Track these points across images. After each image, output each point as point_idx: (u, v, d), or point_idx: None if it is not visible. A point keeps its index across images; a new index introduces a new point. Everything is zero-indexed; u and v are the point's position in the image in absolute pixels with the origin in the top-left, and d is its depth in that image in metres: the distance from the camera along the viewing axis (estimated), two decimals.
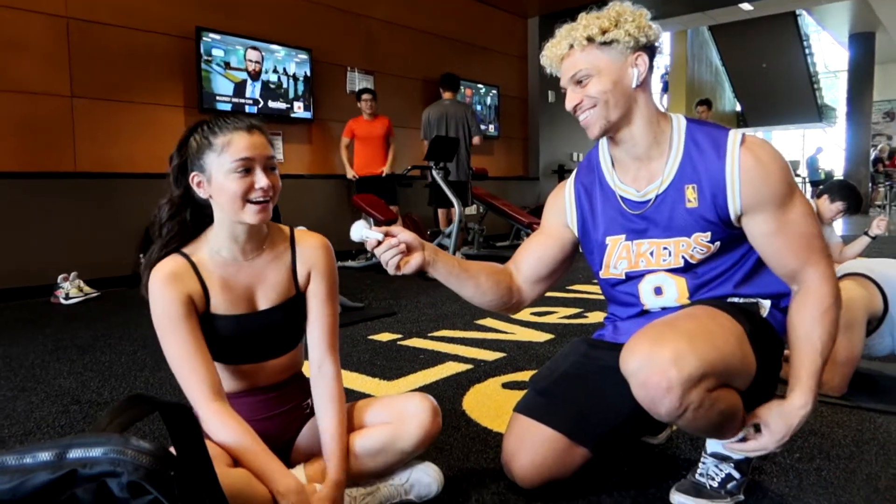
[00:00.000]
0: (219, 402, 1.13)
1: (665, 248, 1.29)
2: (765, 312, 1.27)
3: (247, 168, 1.13)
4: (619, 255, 1.34)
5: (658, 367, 1.06)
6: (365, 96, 5.77)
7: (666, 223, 1.28)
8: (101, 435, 0.66)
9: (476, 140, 5.80)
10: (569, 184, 1.45)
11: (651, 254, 1.30)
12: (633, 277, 1.33)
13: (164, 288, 1.14)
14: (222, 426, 1.11)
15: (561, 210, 1.45)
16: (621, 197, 1.34)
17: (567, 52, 1.26)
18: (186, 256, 1.19)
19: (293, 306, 1.26)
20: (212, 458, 0.81)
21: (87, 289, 4.16)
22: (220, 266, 1.20)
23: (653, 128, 1.28)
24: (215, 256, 1.20)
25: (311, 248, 1.28)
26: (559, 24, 1.27)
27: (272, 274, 1.24)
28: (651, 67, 1.27)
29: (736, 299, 1.27)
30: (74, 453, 0.63)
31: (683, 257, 1.27)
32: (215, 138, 1.14)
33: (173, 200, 1.22)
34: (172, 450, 0.76)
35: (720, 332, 1.15)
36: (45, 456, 0.63)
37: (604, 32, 1.22)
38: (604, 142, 1.38)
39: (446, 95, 5.74)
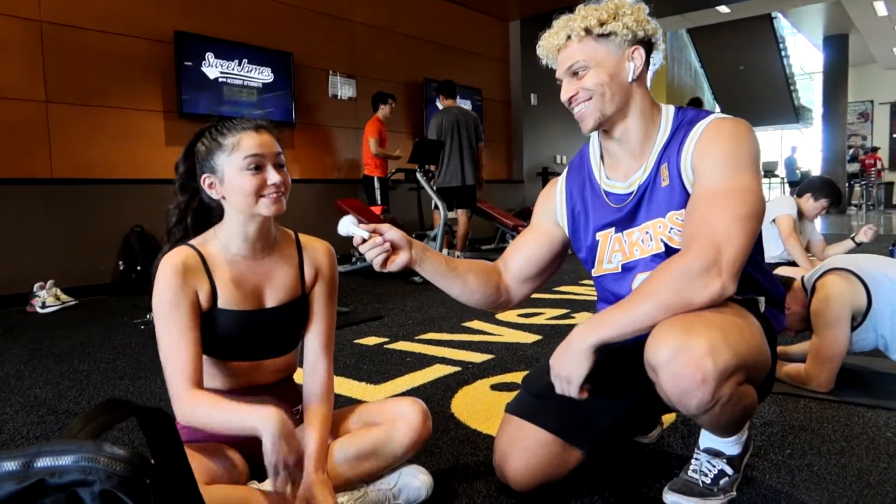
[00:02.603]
0: (195, 389, 1.13)
1: (647, 233, 1.27)
2: (762, 308, 1.25)
3: (258, 165, 1.16)
4: (612, 249, 1.32)
5: (693, 358, 1.03)
6: (390, 101, 5.82)
7: (646, 207, 1.27)
8: (71, 442, 0.62)
9: (481, 146, 5.84)
10: (560, 181, 1.44)
11: (642, 241, 1.28)
12: (630, 269, 1.31)
13: (172, 276, 1.15)
14: (196, 405, 1.11)
15: (551, 208, 1.43)
16: (605, 192, 1.32)
17: (564, 43, 1.24)
18: (196, 249, 1.20)
19: (298, 307, 1.28)
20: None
21: (64, 297, 4.07)
22: (230, 263, 1.22)
23: (646, 122, 1.27)
24: (225, 253, 1.22)
25: (317, 252, 1.31)
26: (556, 15, 1.26)
27: (281, 274, 1.26)
28: (648, 62, 1.26)
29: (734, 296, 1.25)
30: (42, 462, 0.59)
31: (662, 240, 1.24)
32: (224, 139, 1.17)
33: (180, 206, 1.25)
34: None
35: (745, 324, 1.13)
36: (10, 465, 0.59)
37: (602, 24, 1.20)
38: (595, 137, 1.36)
39: (448, 102, 5.62)
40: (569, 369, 1.14)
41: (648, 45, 1.25)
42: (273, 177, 1.16)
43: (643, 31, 1.22)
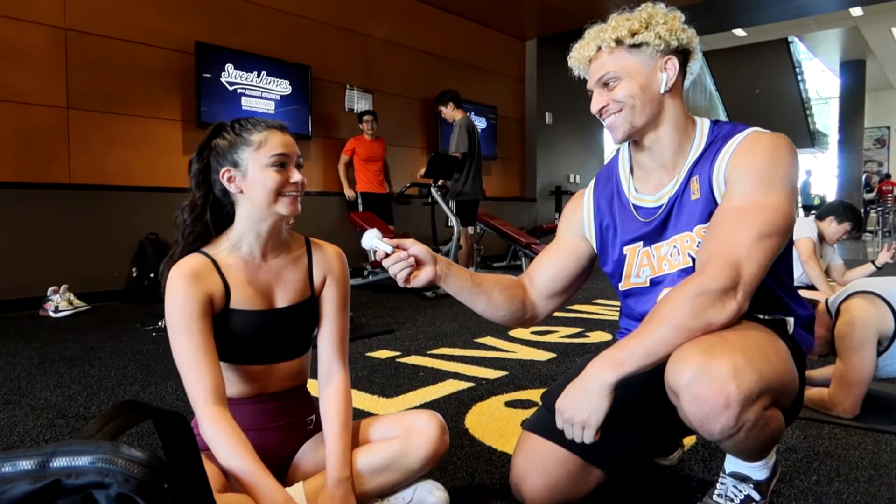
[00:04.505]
0: (218, 407, 1.11)
1: (675, 247, 1.23)
2: (790, 329, 1.21)
3: (283, 163, 1.18)
4: (640, 264, 1.28)
5: (716, 382, 0.98)
6: (366, 118, 5.86)
7: (674, 221, 1.23)
8: (88, 442, 0.60)
9: None
10: (587, 194, 1.40)
11: (670, 255, 1.25)
12: (658, 283, 1.27)
13: (184, 285, 1.13)
14: (217, 431, 1.09)
15: (578, 222, 1.39)
16: (634, 206, 1.29)
17: (595, 54, 1.22)
18: (207, 255, 1.20)
19: (308, 308, 1.27)
20: None
21: (77, 302, 4.07)
22: (241, 265, 1.21)
23: (679, 134, 1.23)
24: (236, 256, 1.21)
25: (327, 255, 1.31)
26: (588, 25, 1.23)
27: (290, 275, 1.26)
28: (684, 72, 1.23)
29: (760, 316, 1.21)
30: (58, 461, 0.57)
31: (689, 255, 1.20)
32: (251, 135, 1.19)
33: (196, 202, 1.23)
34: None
35: (770, 346, 1.08)
36: (25, 464, 0.57)
37: (633, 34, 1.17)
38: (624, 150, 1.34)
39: (460, 112, 5.51)
40: (585, 412, 1.06)
41: (684, 54, 1.22)
42: (296, 175, 1.19)
43: (677, 41, 1.18)
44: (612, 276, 1.34)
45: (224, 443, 1.07)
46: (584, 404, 1.07)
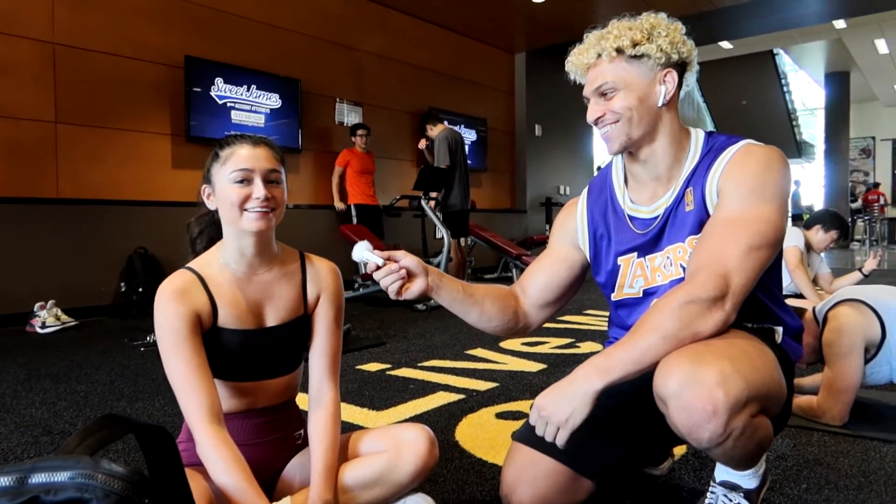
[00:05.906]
0: (216, 426, 1.09)
1: (668, 258, 1.23)
2: (779, 338, 1.22)
3: (246, 178, 1.15)
4: (634, 274, 1.28)
5: (703, 389, 0.98)
6: (360, 132, 5.89)
7: (669, 232, 1.24)
8: (68, 457, 0.59)
9: None
10: (580, 204, 1.40)
11: (664, 267, 1.25)
12: (650, 294, 1.27)
13: (171, 303, 1.12)
14: (215, 452, 1.07)
15: (572, 230, 1.39)
16: (629, 216, 1.29)
17: (594, 62, 1.21)
18: (195, 271, 1.19)
19: (299, 326, 1.25)
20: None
21: (64, 317, 4.03)
22: (229, 280, 1.19)
23: (675, 146, 1.23)
24: (224, 271, 1.20)
25: (322, 271, 1.28)
26: (588, 29, 1.22)
27: (282, 291, 1.23)
28: (681, 84, 1.22)
29: (748, 325, 1.22)
30: (37, 478, 0.56)
31: (681, 265, 1.21)
32: (222, 151, 1.18)
33: (201, 216, 1.27)
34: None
35: (757, 354, 1.08)
36: (3, 481, 0.56)
37: (635, 45, 1.16)
38: (618, 159, 1.33)
39: (440, 126, 5.59)
40: (564, 414, 1.05)
41: (682, 66, 1.22)
42: (258, 191, 1.13)
43: (677, 54, 1.18)
44: (605, 287, 1.34)
45: (220, 462, 1.06)
46: (565, 407, 1.06)
